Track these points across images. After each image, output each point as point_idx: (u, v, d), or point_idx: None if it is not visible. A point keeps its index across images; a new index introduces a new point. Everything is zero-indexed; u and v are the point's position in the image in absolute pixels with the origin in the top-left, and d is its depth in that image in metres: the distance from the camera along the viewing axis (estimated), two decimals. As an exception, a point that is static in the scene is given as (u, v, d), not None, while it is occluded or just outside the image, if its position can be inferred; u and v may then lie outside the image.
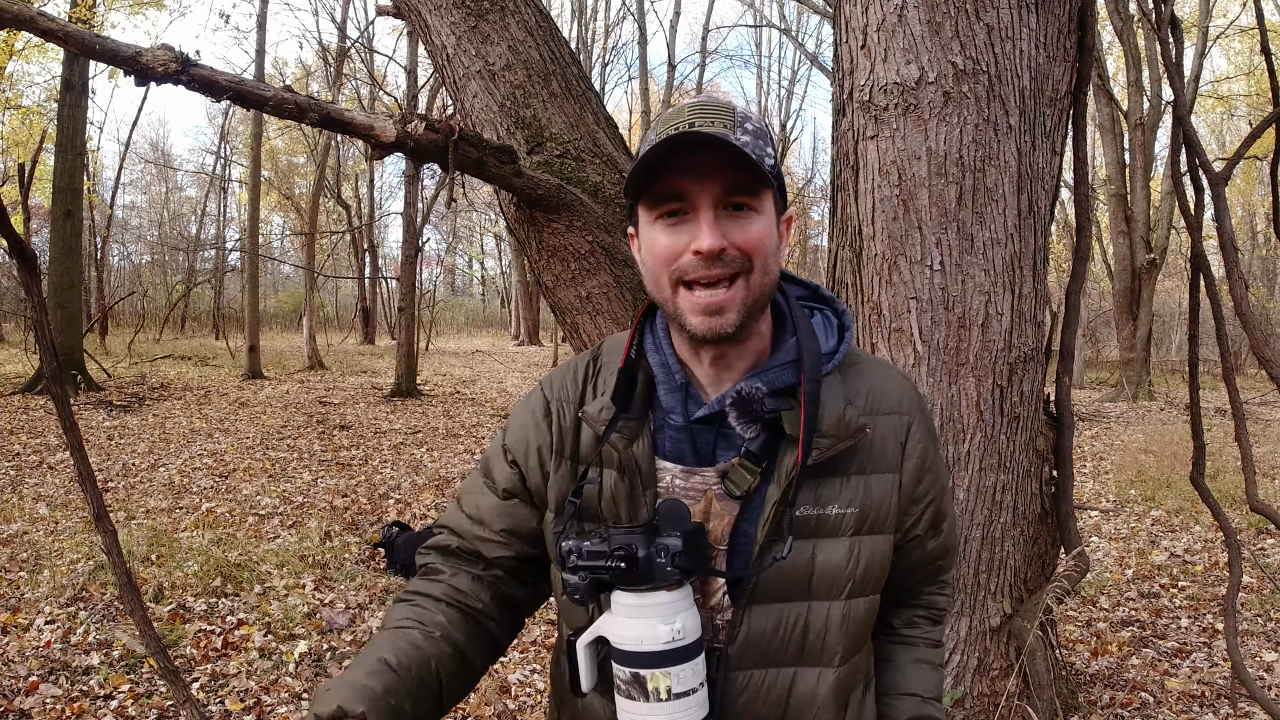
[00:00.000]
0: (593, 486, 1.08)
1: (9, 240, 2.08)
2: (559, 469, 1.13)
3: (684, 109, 1.00)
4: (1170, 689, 3.53)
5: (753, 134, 0.98)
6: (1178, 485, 7.06)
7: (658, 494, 1.05)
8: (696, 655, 0.98)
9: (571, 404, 1.14)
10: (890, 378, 1.14)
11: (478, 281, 54.02)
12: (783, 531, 1.00)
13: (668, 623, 0.95)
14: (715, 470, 1.05)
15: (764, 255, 0.99)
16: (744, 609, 1.03)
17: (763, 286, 1.01)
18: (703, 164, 0.96)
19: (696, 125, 0.96)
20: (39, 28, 2.00)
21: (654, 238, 1.01)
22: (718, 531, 1.04)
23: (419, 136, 2.42)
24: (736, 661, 1.04)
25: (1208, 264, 3.04)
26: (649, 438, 1.07)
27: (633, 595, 0.97)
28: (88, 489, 2.13)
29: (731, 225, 0.98)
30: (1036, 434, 2.65)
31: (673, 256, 0.99)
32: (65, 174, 12.37)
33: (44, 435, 8.98)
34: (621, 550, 0.96)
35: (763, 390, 1.03)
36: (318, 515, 6.28)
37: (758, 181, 0.98)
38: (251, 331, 15.50)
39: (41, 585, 4.48)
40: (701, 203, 0.97)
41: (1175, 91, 3.09)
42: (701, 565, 1.00)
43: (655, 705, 0.96)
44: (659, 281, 1.02)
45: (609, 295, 2.91)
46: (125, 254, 36.07)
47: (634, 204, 1.05)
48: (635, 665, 0.96)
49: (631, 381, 1.09)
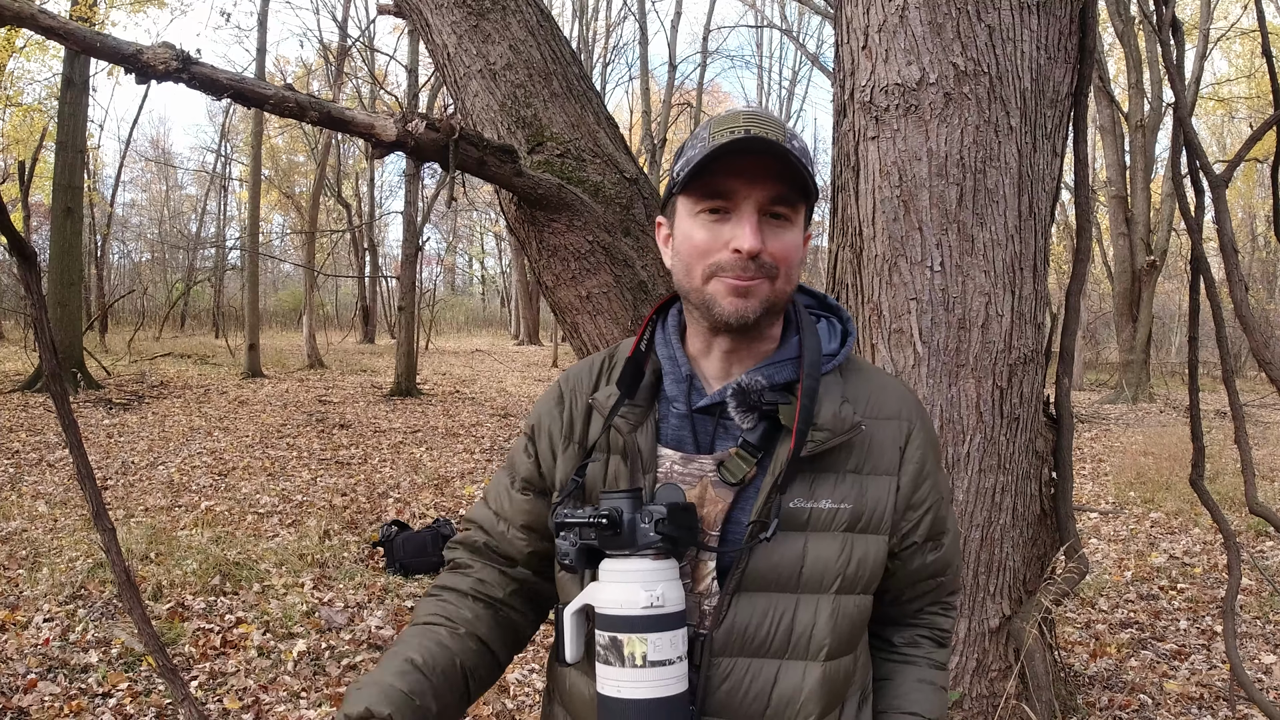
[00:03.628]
0: (596, 466, 1.13)
1: (9, 238, 2.09)
2: (566, 451, 1.17)
3: (739, 114, 1.04)
4: (1169, 691, 3.53)
5: (800, 151, 1.03)
6: (1177, 487, 7.06)
7: (657, 479, 1.08)
8: (676, 627, 0.99)
9: (584, 394, 1.19)
10: (891, 385, 1.17)
11: (478, 281, 54.04)
12: (769, 515, 1.03)
13: (648, 589, 0.98)
14: (712, 458, 1.08)
15: (790, 265, 1.05)
16: (731, 596, 1.05)
17: (783, 293, 1.06)
18: (754, 168, 1.02)
19: (754, 132, 1.00)
20: (40, 25, 2.00)
21: (692, 230, 1.06)
22: (711, 517, 1.07)
23: (419, 135, 2.42)
24: (721, 648, 1.05)
25: (1208, 266, 3.04)
26: (653, 425, 1.11)
27: (618, 561, 1.00)
28: (87, 487, 2.13)
29: (769, 232, 1.03)
30: (1036, 435, 2.65)
31: (710, 250, 1.04)
32: (65, 172, 12.37)
33: (43, 433, 8.98)
34: (607, 511, 1.00)
35: (763, 383, 1.07)
36: (317, 514, 6.28)
37: (799, 195, 1.04)
38: (251, 330, 15.49)
39: (40, 583, 4.48)
40: (747, 206, 1.02)
41: (1176, 93, 3.09)
42: (689, 538, 1.03)
43: (630, 670, 0.97)
44: (691, 271, 1.06)
45: (609, 295, 2.91)
46: (125, 252, 36.09)
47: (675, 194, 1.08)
48: (613, 629, 0.98)
49: (639, 371, 1.13)
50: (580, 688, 1.12)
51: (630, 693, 0.97)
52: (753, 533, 1.03)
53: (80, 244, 13.47)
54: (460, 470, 8.25)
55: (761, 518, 1.03)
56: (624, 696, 0.97)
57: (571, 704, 1.15)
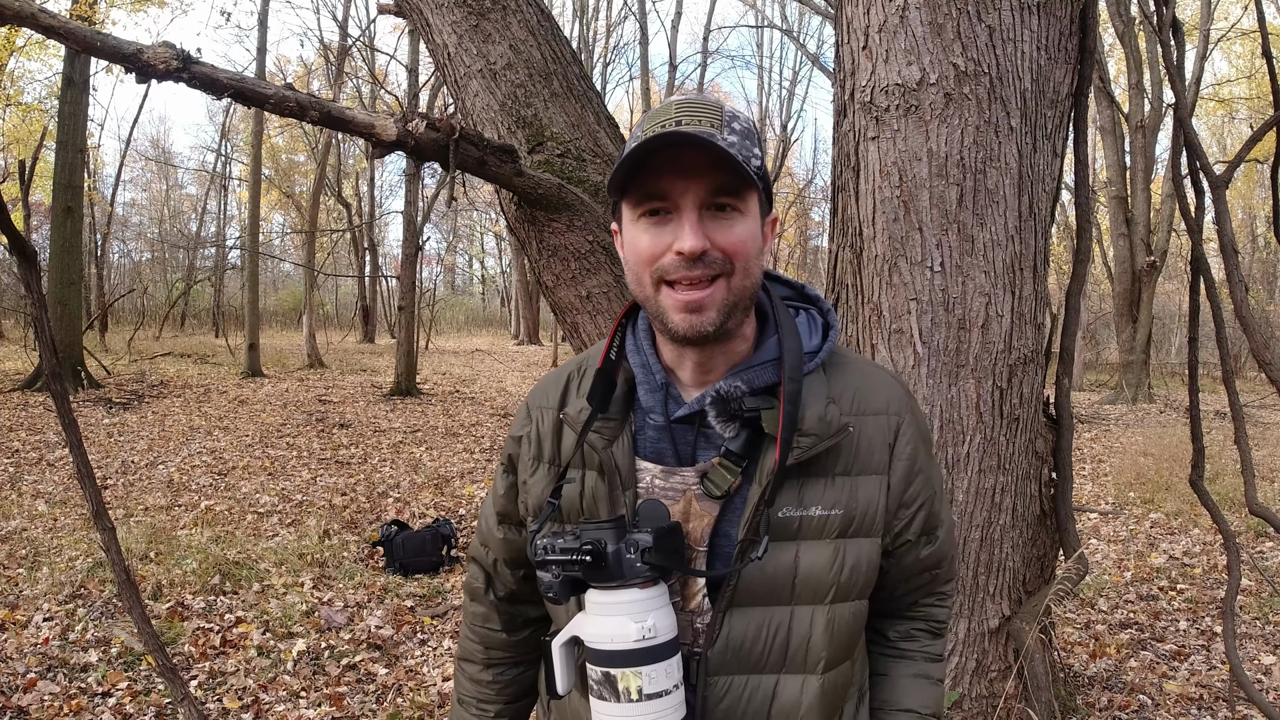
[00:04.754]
0: (572, 487, 1.08)
1: (9, 237, 2.09)
2: (536, 472, 1.13)
3: (671, 106, 0.99)
4: (1168, 691, 3.53)
5: (740, 134, 0.97)
6: (1177, 488, 7.06)
7: (638, 494, 1.04)
8: (670, 656, 0.95)
9: (551, 409, 1.14)
10: (877, 378, 1.11)
11: (478, 280, 54.00)
12: (759, 532, 0.98)
13: (638, 620, 0.93)
14: (695, 470, 1.04)
15: (745, 257, 0.98)
16: (724, 613, 1.01)
17: (744, 289, 1.00)
18: (687, 163, 0.95)
19: (683, 124, 0.95)
20: (41, 24, 2.00)
21: (636, 237, 1.00)
22: (697, 532, 1.03)
23: (420, 135, 2.42)
24: (716, 667, 1.01)
25: (1208, 267, 3.04)
26: (629, 438, 1.06)
27: (604, 593, 0.96)
28: (87, 486, 2.13)
29: (714, 226, 0.97)
30: (1036, 436, 2.65)
31: (655, 256, 0.98)
32: (66, 171, 12.37)
33: (43, 432, 8.98)
34: (590, 545, 0.95)
35: (742, 389, 1.02)
36: (316, 513, 6.28)
37: (742, 183, 0.97)
38: (251, 329, 15.49)
39: (40, 582, 4.48)
40: (685, 203, 0.96)
41: (1176, 94, 3.09)
42: (677, 564, 0.98)
43: (627, 706, 0.93)
44: (641, 280, 1.01)
45: (609, 295, 2.91)
46: (125, 251, 36.03)
47: (618, 201, 1.04)
48: (606, 664, 0.94)
49: (610, 382, 1.07)
50: (579, 710, 1.08)
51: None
52: (742, 550, 1.00)
53: (80, 243, 13.47)
54: (460, 470, 8.25)
55: (750, 535, 0.99)
56: None
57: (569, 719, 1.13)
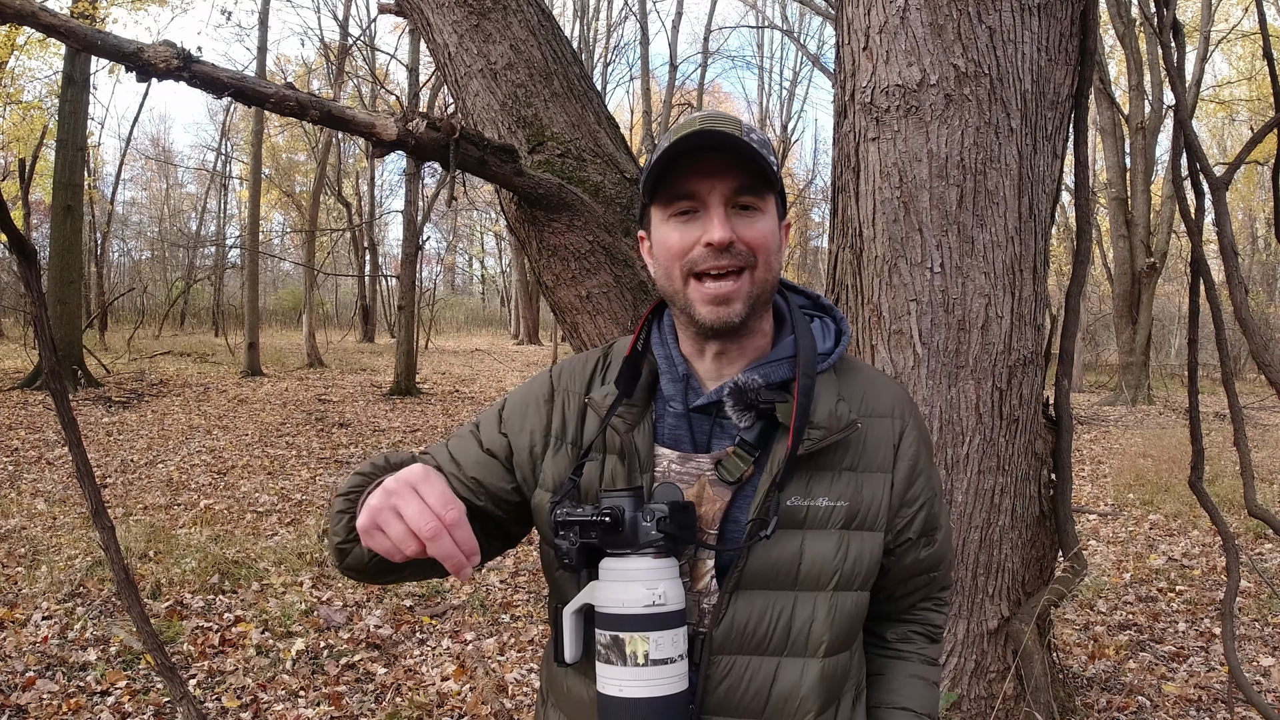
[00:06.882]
0: (593, 465, 1.12)
1: (9, 236, 2.09)
2: (558, 452, 1.16)
3: (695, 119, 1.07)
4: (1167, 693, 3.53)
5: (759, 143, 1.05)
6: (1176, 489, 7.06)
7: (654, 478, 1.09)
8: (677, 625, 0.99)
9: (577, 394, 1.19)
10: (884, 383, 1.19)
11: (478, 280, 54.01)
12: (768, 514, 1.03)
13: (650, 587, 0.98)
14: (710, 457, 1.09)
15: (767, 252, 1.07)
16: (730, 594, 1.06)
17: (765, 282, 1.08)
18: (714, 165, 1.04)
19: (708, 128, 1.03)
20: (41, 23, 2.00)
21: (667, 234, 1.08)
22: (709, 516, 1.08)
23: (420, 135, 2.42)
24: (720, 646, 1.05)
25: (1208, 268, 3.04)
26: (650, 424, 1.12)
27: (619, 560, 1.01)
28: (86, 485, 2.13)
29: (739, 222, 1.05)
30: (1035, 437, 2.65)
31: (684, 250, 1.06)
32: (66, 169, 12.37)
33: (43, 431, 8.98)
34: (609, 510, 1.00)
35: (759, 382, 1.08)
36: (316, 513, 6.28)
37: (763, 184, 1.06)
38: (251, 328, 15.49)
39: (39, 581, 4.48)
40: (712, 200, 1.05)
41: (1176, 95, 3.09)
42: (688, 537, 1.03)
43: (632, 669, 0.97)
44: (671, 275, 1.08)
45: (609, 295, 2.91)
46: (125, 250, 36.02)
47: (647, 204, 1.11)
48: (615, 628, 0.98)
49: (636, 371, 1.14)
50: (578, 690, 1.12)
51: (632, 691, 0.97)
52: (751, 531, 1.04)
53: (80, 242, 13.47)
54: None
55: (760, 516, 1.04)
56: (626, 695, 0.97)
57: (569, 706, 1.15)
